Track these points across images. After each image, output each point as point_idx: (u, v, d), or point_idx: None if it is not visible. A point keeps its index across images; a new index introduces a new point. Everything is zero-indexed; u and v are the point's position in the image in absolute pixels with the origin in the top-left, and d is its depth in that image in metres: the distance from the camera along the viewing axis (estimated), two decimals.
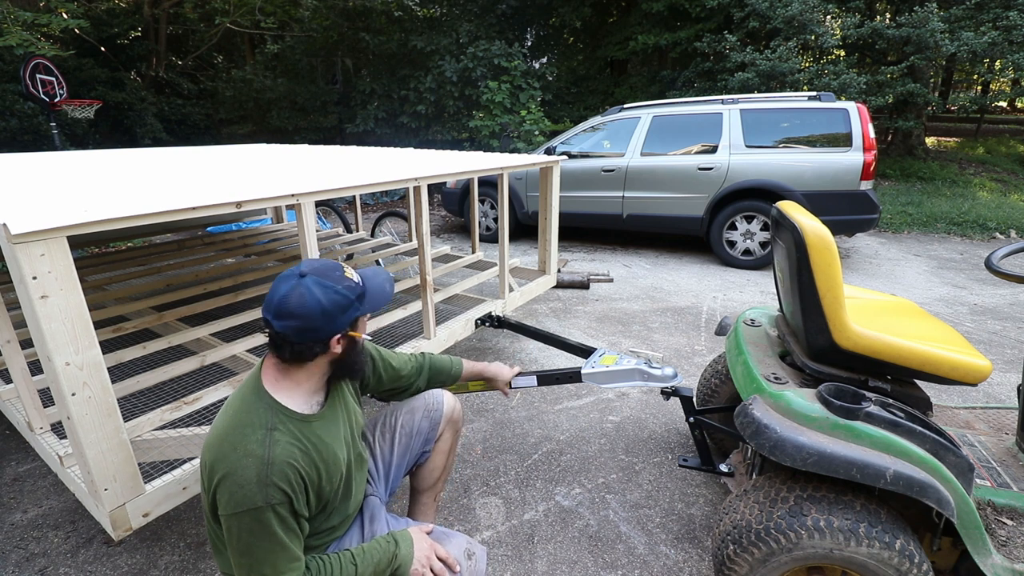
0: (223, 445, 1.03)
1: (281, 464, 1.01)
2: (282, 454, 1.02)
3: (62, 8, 8.59)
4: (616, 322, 3.81)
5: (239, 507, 0.98)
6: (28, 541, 1.86)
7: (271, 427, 1.05)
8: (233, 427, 1.05)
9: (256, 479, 0.98)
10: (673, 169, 5.26)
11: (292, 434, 1.07)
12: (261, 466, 0.99)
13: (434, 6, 12.20)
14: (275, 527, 1.00)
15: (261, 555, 1.00)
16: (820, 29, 8.28)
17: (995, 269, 1.47)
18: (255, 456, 1.00)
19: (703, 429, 1.85)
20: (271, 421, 1.06)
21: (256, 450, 1.01)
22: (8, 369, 1.74)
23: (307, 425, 1.12)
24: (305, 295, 1.06)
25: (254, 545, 1.00)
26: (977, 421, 1.80)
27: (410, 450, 1.56)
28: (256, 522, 0.99)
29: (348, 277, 1.13)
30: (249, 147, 4.97)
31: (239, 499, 0.98)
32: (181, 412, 1.82)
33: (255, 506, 0.98)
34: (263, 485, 0.99)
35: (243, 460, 1.00)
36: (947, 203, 7.56)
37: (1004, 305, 4.09)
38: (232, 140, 11.87)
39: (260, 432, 1.03)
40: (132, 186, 1.80)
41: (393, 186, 2.15)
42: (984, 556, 1.26)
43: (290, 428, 1.08)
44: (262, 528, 0.99)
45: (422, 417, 1.56)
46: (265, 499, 0.99)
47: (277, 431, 1.05)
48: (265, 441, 1.02)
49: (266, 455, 1.01)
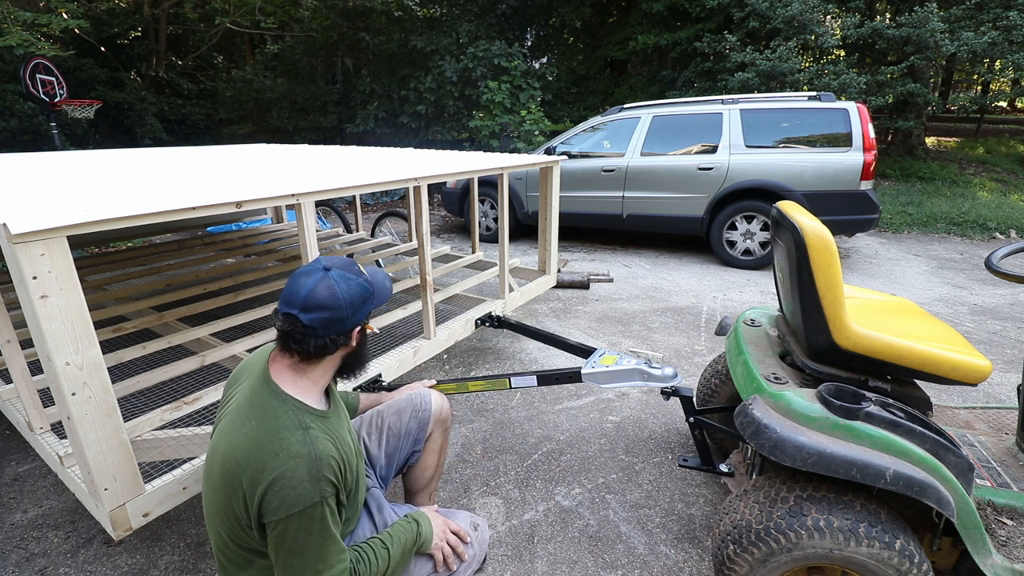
0: (261, 453, 1.02)
1: (327, 458, 1.06)
2: (324, 449, 1.06)
3: (62, 8, 8.59)
4: (616, 322, 3.81)
5: (294, 507, 1.00)
6: (28, 541, 1.86)
7: (305, 427, 1.07)
8: (266, 433, 1.04)
9: (309, 477, 1.01)
10: (673, 169, 5.26)
11: (322, 430, 1.11)
12: (311, 464, 1.02)
13: (434, 6, 12.19)
14: (328, 519, 1.04)
15: (314, 551, 1.03)
16: (820, 29, 8.28)
17: (995, 269, 1.47)
18: (303, 456, 1.02)
19: (703, 429, 1.85)
20: (303, 421, 1.08)
21: (302, 450, 1.03)
22: (8, 369, 1.74)
23: (327, 420, 1.15)
24: (334, 287, 1.10)
25: (307, 542, 1.02)
26: (977, 421, 1.80)
27: (399, 451, 1.57)
28: (310, 518, 1.02)
29: (363, 272, 1.19)
30: (249, 147, 4.97)
31: (294, 499, 1.00)
32: (181, 412, 1.82)
33: (311, 502, 1.01)
34: (316, 481, 1.02)
35: (291, 462, 1.01)
36: (947, 203, 7.56)
37: (1004, 305, 4.09)
38: (232, 140, 11.87)
39: (298, 433, 1.05)
40: (132, 186, 1.80)
41: (393, 186, 2.15)
42: (984, 556, 1.26)
43: (319, 425, 1.11)
44: (316, 523, 1.02)
45: (410, 418, 1.58)
46: (320, 494, 1.02)
47: (312, 429, 1.08)
48: (306, 440, 1.05)
49: (312, 452, 1.04)
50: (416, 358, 2.43)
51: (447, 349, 3.34)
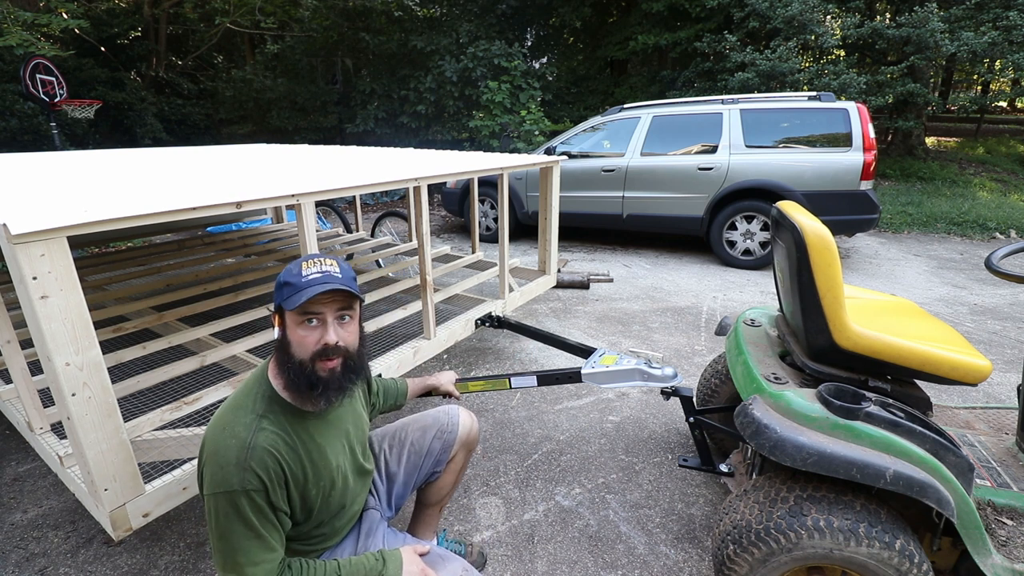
0: (217, 424, 1.06)
1: (261, 451, 1.02)
2: (264, 441, 1.03)
3: (62, 8, 8.59)
4: (616, 322, 3.81)
5: (217, 487, 1.00)
6: (28, 541, 1.86)
7: (261, 414, 1.07)
8: (230, 408, 1.08)
9: (235, 461, 1.00)
10: (673, 169, 5.26)
11: (281, 425, 1.08)
12: (242, 450, 1.01)
13: (434, 6, 12.19)
14: (249, 513, 1.00)
15: (235, 541, 1.00)
16: (820, 29, 8.28)
17: (995, 269, 1.47)
18: (239, 439, 1.02)
19: (703, 429, 1.85)
20: (263, 408, 1.08)
21: (241, 433, 1.03)
22: (8, 369, 1.74)
23: (301, 420, 1.12)
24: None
25: (229, 530, 1.00)
26: (977, 421, 1.80)
27: (419, 469, 1.50)
28: (231, 505, 1.00)
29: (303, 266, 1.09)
30: (249, 147, 4.97)
31: (219, 479, 1.00)
32: (181, 412, 1.82)
33: (231, 488, 0.99)
34: (240, 469, 0.99)
35: (228, 441, 1.02)
36: (947, 203, 7.56)
37: (1004, 305, 4.09)
38: (232, 140, 11.87)
39: (250, 416, 1.06)
40: (132, 186, 1.80)
41: (393, 186, 2.15)
42: (984, 556, 1.26)
43: (280, 420, 1.08)
44: (236, 513, 1.00)
45: (434, 437, 1.51)
46: (241, 483, 0.99)
47: (266, 419, 1.06)
48: (252, 426, 1.04)
49: (249, 439, 1.02)
50: (416, 358, 2.43)
51: (447, 349, 3.34)
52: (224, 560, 1.01)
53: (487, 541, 1.84)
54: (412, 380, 1.75)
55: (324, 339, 1.08)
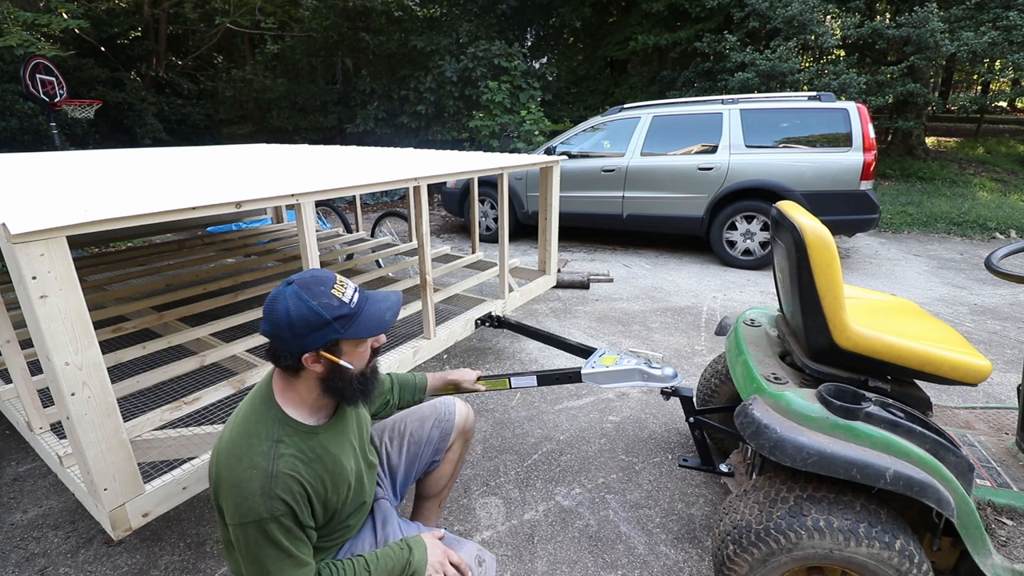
0: (231, 454, 1.04)
1: (284, 477, 1.02)
2: (285, 467, 1.03)
3: (62, 8, 8.59)
4: (616, 322, 3.81)
5: (244, 518, 0.99)
6: (28, 541, 1.86)
7: (277, 439, 1.05)
8: (241, 436, 1.06)
9: (260, 491, 0.99)
10: (673, 169, 5.26)
11: (297, 447, 1.07)
12: (265, 479, 1.00)
13: (434, 6, 12.19)
14: (280, 537, 1.01)
15: (268, 564, 1.02)
16: (820, 29, 8.29)
17: (995, 269, 1.47)
18: (259, 468, 1.01)
19: (703, 429, 1.85)
20: (277, 433, 1.06)
21: (260, 462, 1.01)
22: (8, 369, 1.74)
23: (314, 437, 1.11)
24: (278, 303, 1.03)
25: (261, 555, 1.01)
26: (977, 421, 1.80)
27: (419, 459, 1.53)
28: (260, 533, 1.00)
29: (335, 295, 1.05)
30: (249, 147, 4.97)
31: (244, 510, 0.99)
32: (181, 412, 1.82)
33: (259, 517, 0.99)
34: (267, 498, 0.99)
35: (248, 472, 1.01)
36: (947, 203, 7.56)
37: (1004, 305, 4.09)
38: (232, 140, 11.87)
39: (266, 444, 1.04)
40: (132, 186, 1.80)
41: (393, 186, 2.15)
42: (984, 556, 1.26)
43: (295, 441, 1.08)
44: (267, 539, 1.00)
45: (432, 426, 1.54)
46: (269, 511, 0.99)
47: (282, 443, 1.05)
48: (270, 454, 1.03)
49: (270, 468, 1.01)
50: (416, 358, 2.43)
51: (447, 349, 3.34)
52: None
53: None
54: (431, 375, 1.71)
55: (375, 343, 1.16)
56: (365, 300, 1.10)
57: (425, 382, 1.68)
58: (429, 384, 1.69)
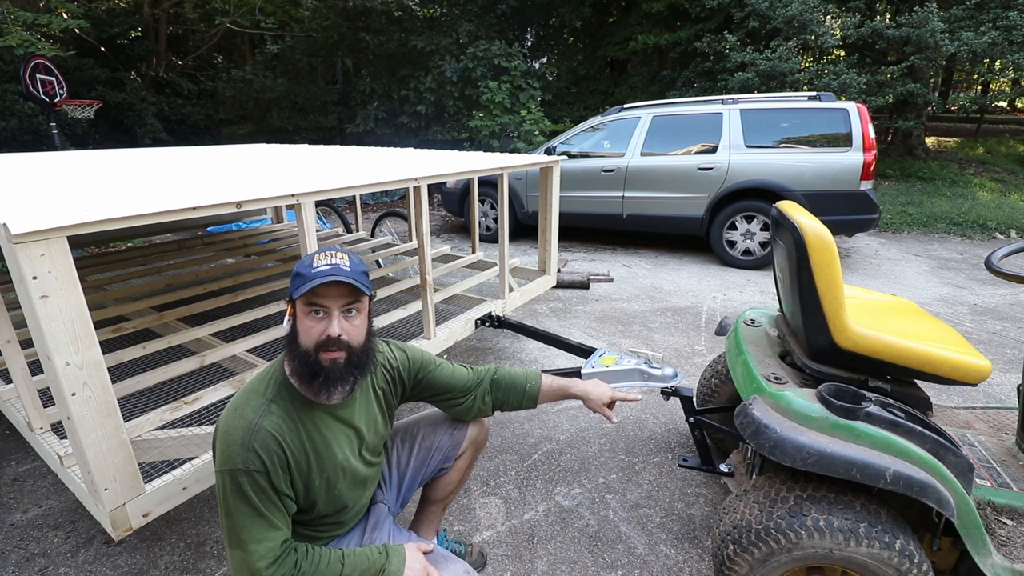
0: (232, 404, 1.12)
1: (265, 434, 1.06)
2: (270, 424, 1.07)
3: (62, 8, 8.59)
4: (616, 322, 3.81)
5: (224, 465, 1.04)
6: (28, 541, 1.86)
7: (271, 399, 1.11)
8: (245, 391, 1.14)
9: (240, 441, 1.04)
10: (673, 169, 5.26)
11: (288, 411, 1.12)
12: (247, 431, 1.05)
13: (434, 6, 12.19)
14: (250, 492, 1.03)
15: (239, 518, 1.04)
16: (820, 29, 8.29)
17: (995, 269, 1.47)
18: (246, 420, 1.07)
19: (703, 429, 1.85)
20: (273, 394, 1.12)
21: (249, 415, 1.07)
22: (8, 369, 1.74)
23: (308, 410, 1.15)
24: None
25: (234, 507, 1.04)
26: (977, 421, 1.80)
27: (427, 464, 1.51)
28: (234, 483, 1.03)
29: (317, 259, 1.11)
30: (249, 147, 4.97)
31: (225, 457, 1.04)
32: (181, 412, 1.82)
33: (234, 467, 1.03)
34: (244, 448, 1.03)
35: (236, 421, 1.07)
36: (947, 203, 7.56)
37: (1004, 305, 4.09)
38: (232, 140, 11.87)
39: (260, 400, 1.10)
40: (132, 186, 1.80)
41: (393, 186, 2.15)
42: (984, 556, 1.26)
43: (288, 406, 1.12)
44: (239, 491, 1.03)
45: (444, 433, 1.51)
46: (244, 462, 1.03)
47: (275, 404, 1.11)
48: (260, 409, 1.09)
49: (255, 422, 1.06)
50: None
51: (447, 349, 3.33)
52: (230, 536, 1.06)
53: (487, 541, 1.84)
54: (548, 379, 1.54)
55: (327, 331, 1.10)
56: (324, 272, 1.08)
57: (537, 391, 1.51)
58: (543, 390, 1.52)
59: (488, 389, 1.48)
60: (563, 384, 1.54)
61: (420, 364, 1.41)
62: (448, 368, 1.45)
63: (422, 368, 1.41)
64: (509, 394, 1.50)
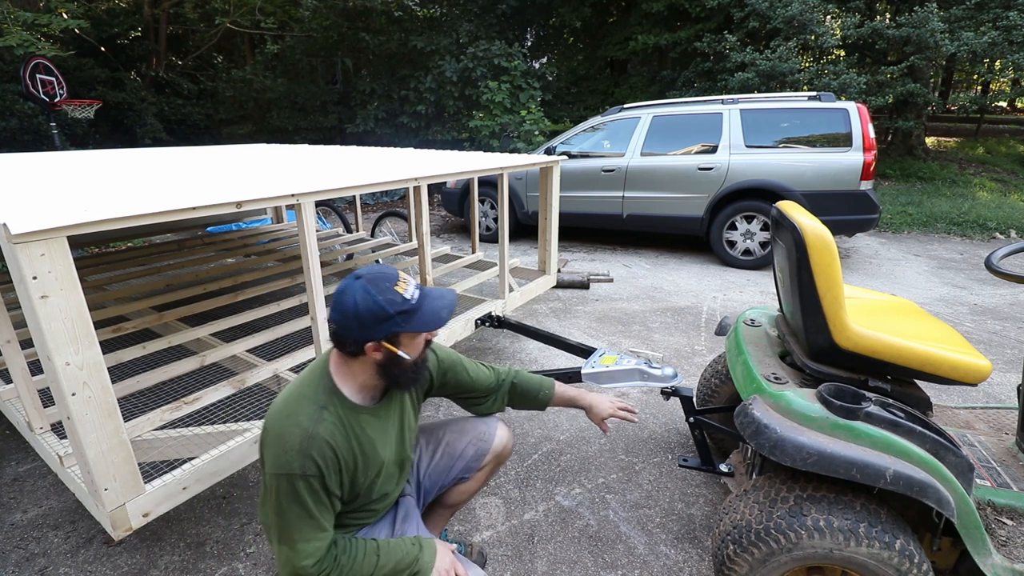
0: (282, 409, 1.14)
1: (321, 441, 1.09)
2: (325, 432, 1.10)
3: (62, 8, 8.59)
4: (616, 322, 3.81)
5: (279, 469, 1.07)
6: (28, 541, 1.86)
7: (323, 406, 1.14)
8: (294, 396, 1.16)
9: (298, 448, 1.07)
10: (673, 169, 5.26)
11: (339, 418, 1.15)
12: (304, 438, 1.08)
13: (434, 6, 12.19)
14: (305, 496, 1.07)
15: (291, 519, 1.08)
16: (820, 29, 8.29)
17: (995, 269, 1.47)
18: (302, 427, 1.09)
19: (703, 429, 1.85)
20: (325, 401, 1.15)
21: (304, 422, 1.10)
22: (8, 369, 1.74)
23: (355, 414, 1.19)
24: (346, 295, 1.11)
25: (287, 509, 1.07)
26: (977, 421, 1.80)
27: (450, 471, 1.53)
28: (290, 487, 1.07)
29: (398, 291, 1.12)
30: (249, 147, 4.97)
31: (281, 462, 1.07)
32: (181, 412, 1.82)
33: (291, 472, 1.06)
34: (302, 455, 1.07)
35: (292, 428, 1.09)
36: (947, 203, 7.56)
37: (1004, 305, 4.09)
38: (232, 140, 11.86)
39: (313, 408, 1.13)
40: (132, 186, 1.80)
41: (393, 186, 2.15)
42: (984, 556, 1.26)
43: (339, 412, 1.16)
44: (294, 494, 1.07)
45: (469, 443, 1.53)
46: (301, 468, 1.06)
47: (327, 411, 1.13)
48: (315, 416, 1.11)
49: (311, 429, 1.09)
50: None
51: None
52: (280, 534, 1.09)
53: (487, 541, 1.84)
54: (560, 388, 1.66)
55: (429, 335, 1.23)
56: (424, 297, 1.17)
57: (549, 399, 1.63)
58: (554, 399, 1.64)
59: (506, 394, 1.58)
60: (573, 396, 1.65)
61: (449, 364, 1.48)
62: (473, 369, 1.53)
63: (450, 369, 1.48)
64: (523, 399, 1.61)
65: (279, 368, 2.15)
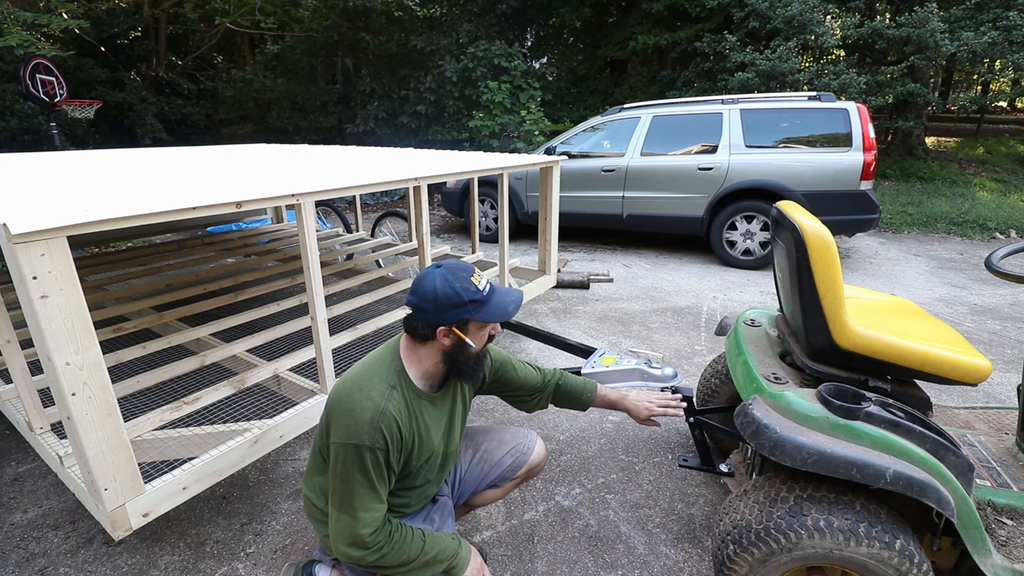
0: (354, 384, 1.21)
1: (390, 417, 1.17)
2: (393, 409, 1.18)
3: (62, 8, 8.60)
4: (616, 322, 3.81)
5: (349, 439, 1.14)
6: (28, 541, 1.86)
7: (393, 385, 1.22)
8: (367, 373, 1.24)
9: (369, 421, 1.14)
10: (673, 169, 5.26)
11: (405, 398, 1.23)
12: (376, 412, 1.16)
13: (434, 6, 12.19)
14: (370, 468, 1.14)
15: (354, 488, 1.14)
16: (820, 29, 8.28)
17: (995, 269, 1.47)
18: (374, 402, 1.17)
19: (703, 429, 1.85)
20: (395, 381, 1.23)
21: (376, 397, 1.18)
22: (8, 369, 1.74)
23: (418, 398, 1.27)
24: (427, 280, 1.21)
25: (351, 477, 1.14)
26: (977, 421, 1.80)
27: (485, 477, 1.58)
28: (357, 457, 1.14)
29: (473, 282, 1.22)
30: (249, 147, 4.97)
31: (351, 432, 1.14)
32: (181, 412, 1.82)
33: (360, 443, 1.13)
34: (372, 428, 1.14)
35: (364, 401, 1.17)
36: (947, 203, 7.56)
37: (1004, 305, 4.09)
38: (232, 140, 11.87)
39: (384, 386, 1.21)
40: (132, 186, 1.80)
41: (393, 186, 2.15)
42: (984, 556, 1.26)
43: (405, 393, 1.24)
44: (360, 464, 1.14)
45: (508, 453, 1.58)
46: (371, 440, 1.14)
47: (396, 391, 1.22)
48: (386, 394, 1.19)
49: (382, 405, 1.17)
50: None
51: None
52: (342, 501, 1.16)
53: (487, 541, 1.84)
54: (603, 390, 1.71)
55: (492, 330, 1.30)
56: (494, 291, 1.26)
57: (591, 401, 1.69)
58: (597, 399, 1.69)
59: (551, 393, 1.65)
60: (614, 399, 1.70)
61: (500, 363, 1.55)
62: (521, 369, 1.60)
63: (501, 367, 1.55)
64: (567, 399, 1.68)
65: (279, 368, 2.15)
